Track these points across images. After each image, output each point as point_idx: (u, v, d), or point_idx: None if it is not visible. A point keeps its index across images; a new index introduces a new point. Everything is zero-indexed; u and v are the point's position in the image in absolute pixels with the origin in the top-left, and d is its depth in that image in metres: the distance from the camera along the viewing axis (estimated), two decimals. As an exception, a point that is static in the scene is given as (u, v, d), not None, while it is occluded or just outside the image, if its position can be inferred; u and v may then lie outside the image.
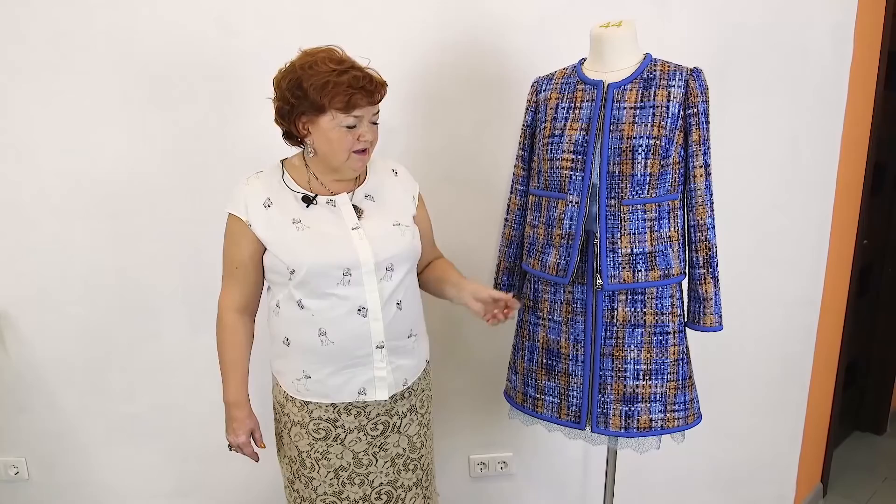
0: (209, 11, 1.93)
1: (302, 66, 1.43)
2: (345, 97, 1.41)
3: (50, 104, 1.96)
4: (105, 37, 1.92)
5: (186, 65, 1.96)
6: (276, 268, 1.52)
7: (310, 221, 1.50)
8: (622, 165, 1.58)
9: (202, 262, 2.06)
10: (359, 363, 1.54)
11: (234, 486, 2.29)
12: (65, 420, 2.19)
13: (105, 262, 2.08)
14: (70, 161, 2.00)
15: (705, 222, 1.65)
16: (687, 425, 1.73)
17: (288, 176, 1.56)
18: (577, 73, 1.68)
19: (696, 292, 1.70)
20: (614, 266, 1.62)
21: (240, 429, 1.61)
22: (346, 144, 1.46)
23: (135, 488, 2.27)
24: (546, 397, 1.78)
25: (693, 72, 1.60)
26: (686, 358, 1.72)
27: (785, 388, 2.41)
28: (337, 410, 1.57)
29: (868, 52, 2.30)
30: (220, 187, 1.98)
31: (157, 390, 2.19)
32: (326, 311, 1.50)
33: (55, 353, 2.13)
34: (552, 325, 1.75)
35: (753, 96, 2.11)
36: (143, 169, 2.02)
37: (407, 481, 1.67)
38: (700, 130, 1.61)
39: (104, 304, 2.11)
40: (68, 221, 2.04)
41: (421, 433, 1.70)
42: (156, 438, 2.23)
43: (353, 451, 1.60)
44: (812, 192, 2.24)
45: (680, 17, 2.04)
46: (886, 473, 3.02)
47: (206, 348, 2.09)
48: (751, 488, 2.50)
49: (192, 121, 2.00)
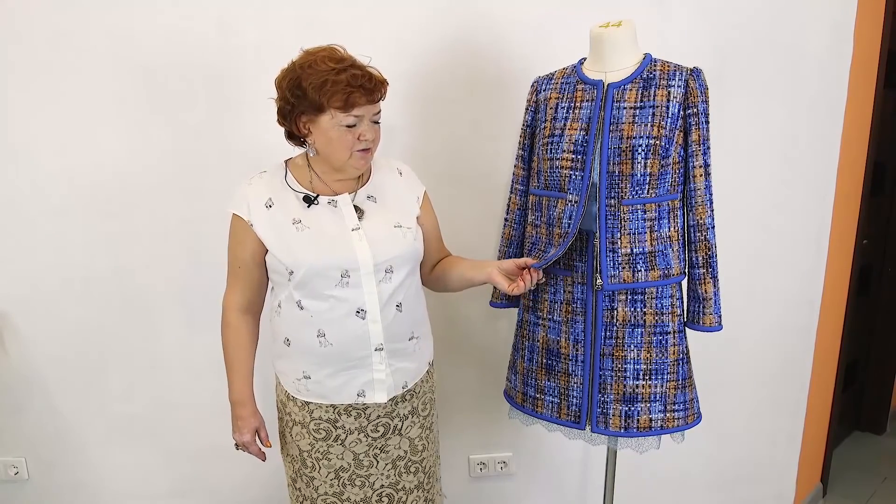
0: (208, 11, 1.93)
1: (302, 65, 1.43)
2: (343, 96, 1.40)
3: (48, 104, 1.95)
4: (104, 36, 1.92)
5: (185, 65, 1.96)
6: (277, 268, 1.52)
7: (310, 222, 1.50)
8: (622, 165, 1.58)
9: (201, 261, 2.06)
10: (357, 365, 1.53)
11: (233, 485, 2.29)
12: (64, 420, 2.19)
13: (104, 262, 2.07)
14: (69, 161, 2.00)
15: (705, 222, 1.65)
16: (687, 425, 1.73)
17: (291, 176, 1.55)
18: (577, 73, 1.68)
19: (696, 292, 1.69)
20: (614, 266, 1.62)
21: (244, 427, 1.61)
22: (346, 144, 1.45)
23: (134, 488, 2.27)
24: (546, 397, 1.78)
25: (693, 71, 1.60)
26: (686, 358, 1.72)
27: (784, 387, 2.41)
28: (337, 411, 1.57)
29: (868, 50, 2.30)
30: (218, 187, 1.99)
31: (155, 390, 2.19)
32: (325, 313, 1.50)
33: (54, 352, 2.13)
34: (552, 325, 1.74)
35: (753, 96, 2.11)
36: (141, 169, 2.02)
37: (408, 484, 1.67)
38: (700, 130, 1.61)
39: (103, 303, 2.10)
40: (67, 221, 2.04)
41: (423, 435, 1.69)
42: (155, 438, 2.23)
43: (354, 453, 1.60)
44: (812, 191, 2.24)
45: (679, 16, 2.04)
46: (886, 473, 3.02)
47: (205, 348, 2.11)
48: (750, 488, 2.50)
49: (191, 121, 2.00)
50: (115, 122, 1.98)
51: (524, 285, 1.56)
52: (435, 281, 1.75)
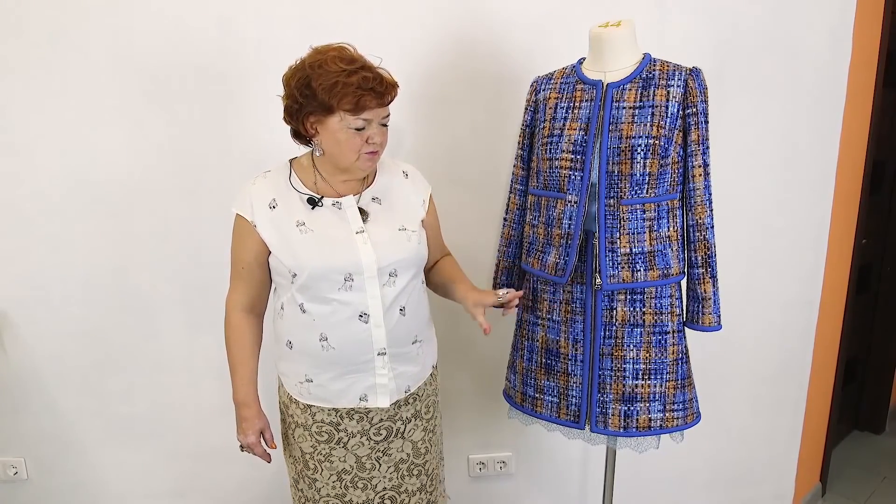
0: (209, 9, 1.92)
1: (311, 64, 1.40)
2: (354, 98, 1.37)
3: (48, 103, 1.95)
4: (103, 35, 1.92)
5: (185, 63, 1.95)
6: (280, 270, 1.50)
7: (314, 224, 1.48)
8: (621, 165, 1.58)
9: (201, 261, 2.06)
10: (360, 369, 1.52)
11: (233, 486, 2.29)
12: (64, 420, 2.19)
13: (103, 261, 2.07)
14: (69, 160, 1.99)
15: (704, 222, 1.65)
16: (686, 425, 1.72)
17: (295, 177, 1.53)
18: (577, 73, 1.68)
19: (695, 292, 1.69)
20: (613, 266, 1.62)
21: (249, 429, 1.59)
22: (354, 146, 1.43)
23: (133, 488, 2.27)
24: (545, 397, 1.78)
25: (692, 71, 1.60)
26: (685, 357, 1.72)
27: (784, 387, 2.41)
28: (339, 415, 1.56)
29: (867, 50, 2.30)
30: (218, 187, 1.99)
31: (155, 390, 2.18)
32: (328, 317, 1.48)
33: (54, 353, 2.13)
34: (551, 325, 1.74)
35: (752, 95, 2.11)
36: (141, 168, 2.01)
37: (411, 486, 1.66)
38: (699, 130, 1.60)
39: (103, 304, 2.10)
40: (67, 221, 2.03)
41: (426, 438, 1.68)
42: (154, 439, 2.23)
43: (356, 455, 1.59)
44: (811, 190, 2.24)
45: (679, 16, 2.03)
46: (886, 473, 3.02)
47: (205, 348, 2.11)
48: (749, 488, 2.50)
49: (191, 120, 1.99)
50: (115, 121, 1.98)
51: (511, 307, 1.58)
52: (428, 283, 1.74)
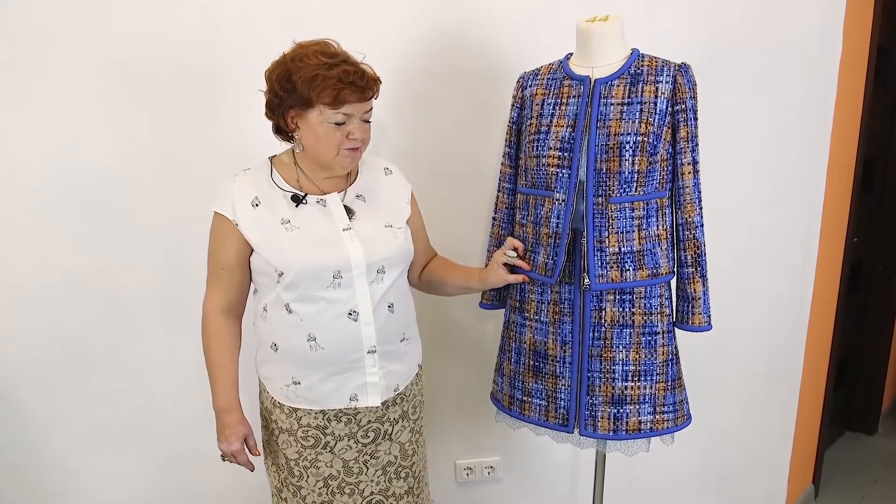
0: (191, 7, 1.89)
1: (293, 58, 1.40)
2: (333, 92, 1.37)
3: (25, 101, 1.90)
4: (84, 32, 1.87)
5: (167, 60, 1.91)
6: (264, 269, 1.48)
7: (299, 222, 1.46)
8: (609, 163, 1.55)
9: (184, 262, 2.02)
10: (350, 368, 1.51)
11: (216, 493, 2.25)
12: (41, 427, 2.14)
13: (84, 263, 2.03)
14: (47, 160, 1.94)
15: (694, 220, 1.63)
16: (676, 427, 1.70)
17: (277, 174, 1.51)
18: (564, 69, 1.65)
19: (685, 291, 1.67)
20: (602, 265, 1.59)
21: (232, 436, 1.55)
22: (334, 141, 1.42)
23: (114, 496, 2.23)
24: (533, 400, 1.75)
25: (681, 67, 1.58)
26: (675, 358, 1.70)
27: (775, 386, 2.41)
28: (327, 417, 1.54)
29: (857, 47, 2.29)
30: (201, 186, 1.96)
31: (137, 395, 2.14)
32: (316, 316, 1.46)
33: (32, 356, 2.08)
34: (539, 326, 1.71)
35: (742, 92, 2.10)
36: (122, 168, 1.97)
37: (398, 490, 1.64)
38: (688, 127, 1.58)
39: (83, 306, 2.06)
40: (45, 221, 1.99)
41: (413, 440, 1.66)
42: (136, 444, 2.18)
43: (344, 460, 1.56)
44: (802, 189, 2.23)
45: (667, 11, 2.02)
46: (878, 474, 3.02)
47: (188, 351, 2.06)
48: (741, 489, 2.49)
49: (173, 118, 1.95)
50: (96, 120, 1.94)
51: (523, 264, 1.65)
52: (427, 286, 1.74)
